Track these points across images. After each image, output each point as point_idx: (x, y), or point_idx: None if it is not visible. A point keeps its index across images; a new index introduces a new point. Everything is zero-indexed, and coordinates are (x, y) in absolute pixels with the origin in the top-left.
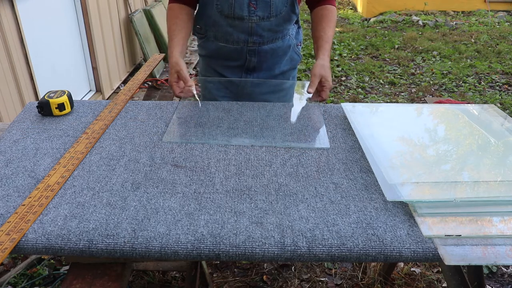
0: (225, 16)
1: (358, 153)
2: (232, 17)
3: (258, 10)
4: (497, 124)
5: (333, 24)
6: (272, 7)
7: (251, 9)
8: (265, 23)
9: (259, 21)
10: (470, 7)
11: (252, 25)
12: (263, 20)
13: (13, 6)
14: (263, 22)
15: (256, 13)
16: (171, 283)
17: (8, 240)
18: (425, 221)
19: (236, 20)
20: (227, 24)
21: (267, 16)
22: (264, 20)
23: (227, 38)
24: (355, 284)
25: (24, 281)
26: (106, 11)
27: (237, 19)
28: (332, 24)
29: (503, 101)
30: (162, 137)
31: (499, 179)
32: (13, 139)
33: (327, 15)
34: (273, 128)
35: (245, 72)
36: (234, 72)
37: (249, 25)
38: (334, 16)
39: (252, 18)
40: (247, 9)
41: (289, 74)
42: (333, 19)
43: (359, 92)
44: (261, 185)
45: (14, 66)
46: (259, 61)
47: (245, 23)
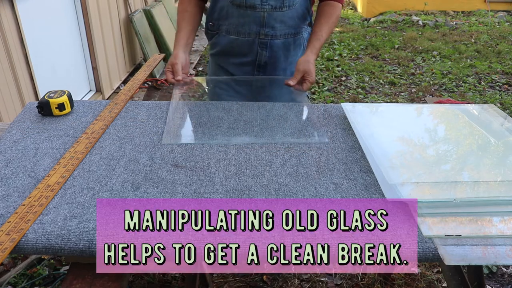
0: (237, 5)
1: (358, 153)
2: (244, 6)
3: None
4: (497, 124)
5: (332, 21)
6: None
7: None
8: (278, 13)
9: (271, 11)
10: (470, 7)
11: (264, 15)
12: (275, 10)
13: (13, 6)
14: (276, 12)
15: (268, 2)
16: (171, 283)
17: (8, 240)
18: (425, 221)
19: (248, 9)
20: (239, 15)
21: (280, 6)
22: (276, 10)
23: (239, 30)
24: (355, 284)
25: (24, 281)
26: (106, 11)
27: (249, 8)
28: (331, 21)
29: (503, 101)
30: (162, 137)
31: (499, 179)
32: (13, 139)
33: (329, 12)
34: (273, 128)
35: (256, 70)
36: (245, 71)
37: (261, 14)
38: (336, 14)
39: (264, 7)
40: None
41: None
42: (333, 16)
43: (359, 92)
44: (261, 185)
45: (14, 66)
46: (271, 56)
47: (257, 12)
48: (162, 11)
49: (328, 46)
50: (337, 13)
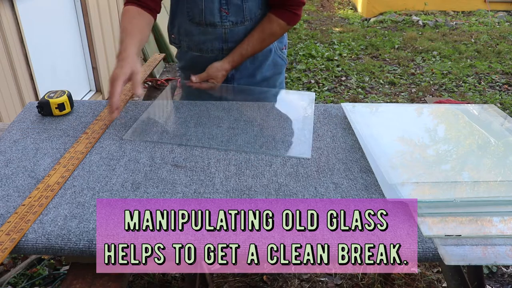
0: (196, 23)
1: (358, 153)
2: (204, 24)
3: (231, 15)
4: (497, 124)
5: (264, 37)
6: (245, 11)
7: (223, 14)
8: (240, 28)
9: (232, 27)
10: (470, 7)
11: (226, 31)
12: (236, 25)
13: (13, 6)
14: (237, 27)
15: (228, 18)
16: (171, 283)
17: (8, 240)
18: (425, 221)
19: (209, 27)
20: (200, 32)
21: (241, 21)
22: (238, 25)
23: (201, 47)
24: (355, 284)
25: (24, 281)
26: (106, 11)
27: (209, 25)
28: (263, 36)
29: (503, 101)
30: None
31: (499, 179)
32: (13, 139)
33: (265, 26)
34: (245, 136)
35: (224, 82)
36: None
37: (223, 31)
38: (272, 30)
39: (224, 24)
40: (219, 14)
41: (274, 80)
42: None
43: (359, 92)
44: (261, 185)
45: (14, 66)
46: (238, 68)
47: (218, 29)
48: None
49: (328, 46)
50: (276, 28)
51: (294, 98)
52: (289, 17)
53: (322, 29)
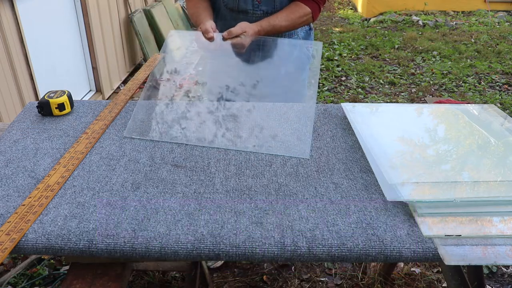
0: (230, 9)
1: (358, 153)
2: (237, 11)
3: (262, 4)
4: (497, 124)
5: (292, 17)
6: (276, 1)
7: (255, 3)
8: None
9: (263, 16)
10: (470, 7)
11: (257, 19)
12: (267, 14)
13: (13, 6)
14: (268, 16)
15: (260, 7)
16: (171, 283)
17: (8, 240)
18: (425, 221)
19: (241, 14)
20: (232, 18)
21: (271, 10)
22: (268, 14)
23: None
24: (355, 284)
25: (24, 281)
26: (106, 11)
27: (241, 12)
28: (292, 16)
29: (503, 101)
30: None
31: (499, 179)
32: (13, 139)
33: (294, 9)
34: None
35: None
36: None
37: (253, 19)
38: (300, 13)
39: (256, 12)
40: (251, 2)
41: (296, 75)
42: (296, 13)
43: (359, 92)
44: (261, 185)
45: (14, 66)
46: (263, 56)
47: (249, 17)
48: (162, 11)
49: (328, 46)
50: (302, 13)
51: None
52: (313, 7)
53: (322, 29)
